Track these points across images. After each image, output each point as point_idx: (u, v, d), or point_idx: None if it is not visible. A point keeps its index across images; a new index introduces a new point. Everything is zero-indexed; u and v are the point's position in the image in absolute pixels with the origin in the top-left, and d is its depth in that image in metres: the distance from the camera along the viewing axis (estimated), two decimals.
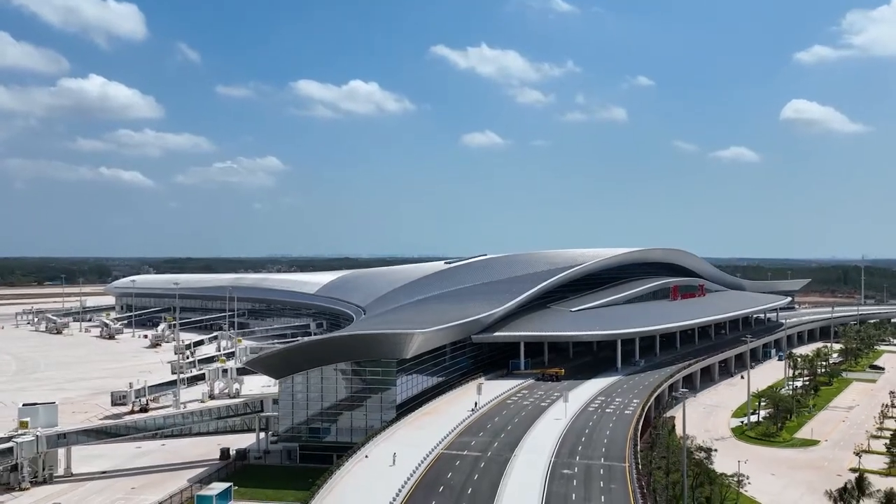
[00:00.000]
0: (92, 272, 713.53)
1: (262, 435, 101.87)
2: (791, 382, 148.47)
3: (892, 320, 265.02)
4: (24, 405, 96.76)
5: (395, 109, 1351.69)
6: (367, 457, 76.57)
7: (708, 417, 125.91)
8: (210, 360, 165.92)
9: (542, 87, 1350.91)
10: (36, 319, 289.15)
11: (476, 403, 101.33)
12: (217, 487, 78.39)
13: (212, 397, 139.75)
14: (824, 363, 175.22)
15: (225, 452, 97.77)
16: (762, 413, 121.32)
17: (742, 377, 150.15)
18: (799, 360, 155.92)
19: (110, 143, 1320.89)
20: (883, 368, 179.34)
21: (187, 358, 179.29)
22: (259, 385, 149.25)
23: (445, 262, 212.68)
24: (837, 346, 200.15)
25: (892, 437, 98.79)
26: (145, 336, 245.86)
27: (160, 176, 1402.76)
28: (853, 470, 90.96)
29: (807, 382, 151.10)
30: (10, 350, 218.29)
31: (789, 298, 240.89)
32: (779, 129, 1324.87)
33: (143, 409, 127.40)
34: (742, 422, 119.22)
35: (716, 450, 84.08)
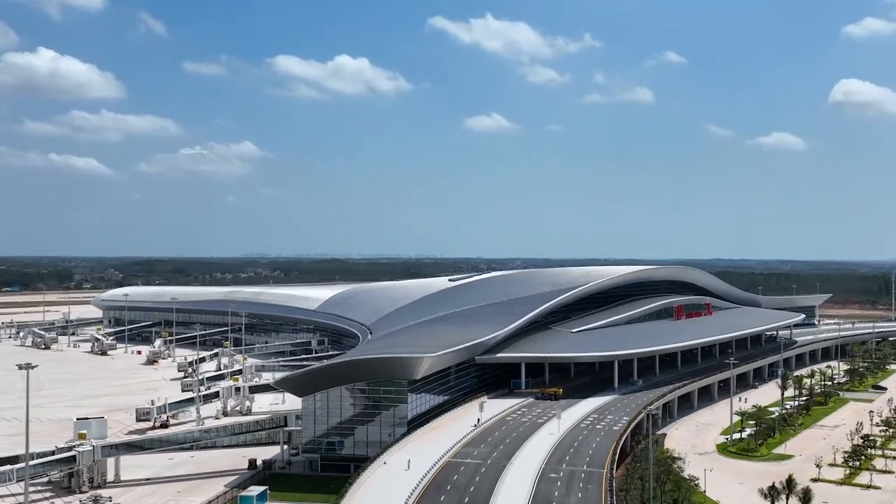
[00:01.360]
0: (51, 276, 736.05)
1: (285, 448, 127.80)
2: (784, 402, 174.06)
3: None
4: (78, 419, 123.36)
5: (388, 89, 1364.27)
6: (385, 463, 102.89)
7: (698, 434, 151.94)
8: (219, 377, 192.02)
9: (555, 65, 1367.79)
10: (21, 334, 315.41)
11: (479, 420, 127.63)
12: (255, 490, 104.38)
13: (225, 414, 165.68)
14: (828, 382, 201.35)
15: (252, 463, 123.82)
16: (748, 431, 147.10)
17: (741, 399, 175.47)
18: (791, 380, 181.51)
19: (62, 125, 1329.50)
20: (885, 388, 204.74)
21: (191, 375, 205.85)
22: (267, 403, 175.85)
23: (449, 279, 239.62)
24: (846, 366, 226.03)
25: (850, 452, 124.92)
26: (139, 352, 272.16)
27: (120, 164, 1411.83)
28: (814, 480, 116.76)
29: (802, 402, 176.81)
30: (7, 366, 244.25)
31: (802, 315, 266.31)
32: (828, 112, 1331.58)
33: (164, 425, 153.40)
34: (726, 438, 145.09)
35: (681, 458, 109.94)
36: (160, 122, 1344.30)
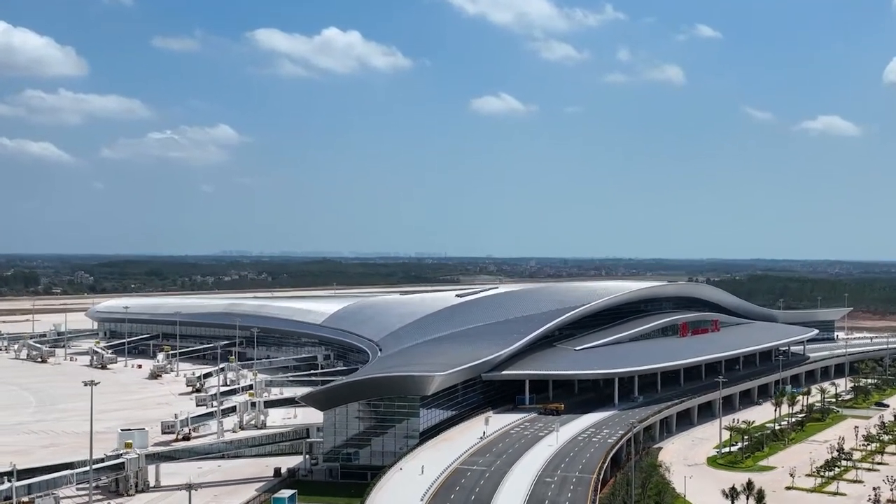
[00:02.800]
0: (16, 279, 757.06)
1: (307, 457, 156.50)
2: (781, 418, 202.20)
3: None
4: (122, 430, 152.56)
5: (383, 66, 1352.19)
6: (401, 469, 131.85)
7: (692, 448, 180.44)
8: (231, 392, 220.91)
9: (573, 40, 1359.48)
10: (16, 347, 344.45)
11: (484, 433, 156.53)
12: (286, 493, 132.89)
13: (241, 427, 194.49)
14: (830, 399, 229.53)
15: (277, 471, 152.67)
16: (739, 445, 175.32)
17: (734, 420, 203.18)
18: (786, 397, 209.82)
19: (16, 106, 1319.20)
20: (887, 406, 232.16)
21: (203, 390, 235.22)
22: (280, 417, 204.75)
23: (456, 294, 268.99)
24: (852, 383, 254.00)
25: (824, 463, 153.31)
26: (139, 366, 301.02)
27: (81, 149, 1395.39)
28: (788, 488, 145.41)
29: (799, 418, 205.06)
30: (14, 381, 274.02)
31: (815, 331, 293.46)
32: (882, 93, 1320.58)
33: (186, 438, 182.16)
34: (717, 452, 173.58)
35: (662, 465, 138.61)
36: (126, 102, 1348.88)
